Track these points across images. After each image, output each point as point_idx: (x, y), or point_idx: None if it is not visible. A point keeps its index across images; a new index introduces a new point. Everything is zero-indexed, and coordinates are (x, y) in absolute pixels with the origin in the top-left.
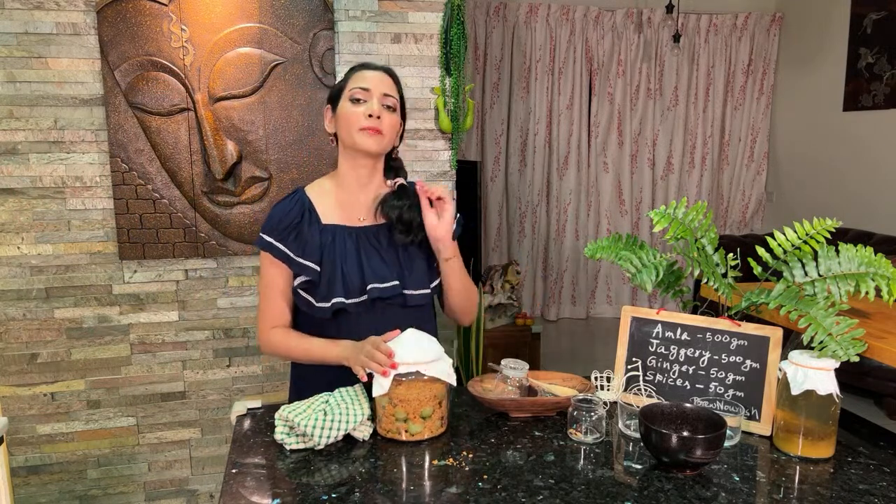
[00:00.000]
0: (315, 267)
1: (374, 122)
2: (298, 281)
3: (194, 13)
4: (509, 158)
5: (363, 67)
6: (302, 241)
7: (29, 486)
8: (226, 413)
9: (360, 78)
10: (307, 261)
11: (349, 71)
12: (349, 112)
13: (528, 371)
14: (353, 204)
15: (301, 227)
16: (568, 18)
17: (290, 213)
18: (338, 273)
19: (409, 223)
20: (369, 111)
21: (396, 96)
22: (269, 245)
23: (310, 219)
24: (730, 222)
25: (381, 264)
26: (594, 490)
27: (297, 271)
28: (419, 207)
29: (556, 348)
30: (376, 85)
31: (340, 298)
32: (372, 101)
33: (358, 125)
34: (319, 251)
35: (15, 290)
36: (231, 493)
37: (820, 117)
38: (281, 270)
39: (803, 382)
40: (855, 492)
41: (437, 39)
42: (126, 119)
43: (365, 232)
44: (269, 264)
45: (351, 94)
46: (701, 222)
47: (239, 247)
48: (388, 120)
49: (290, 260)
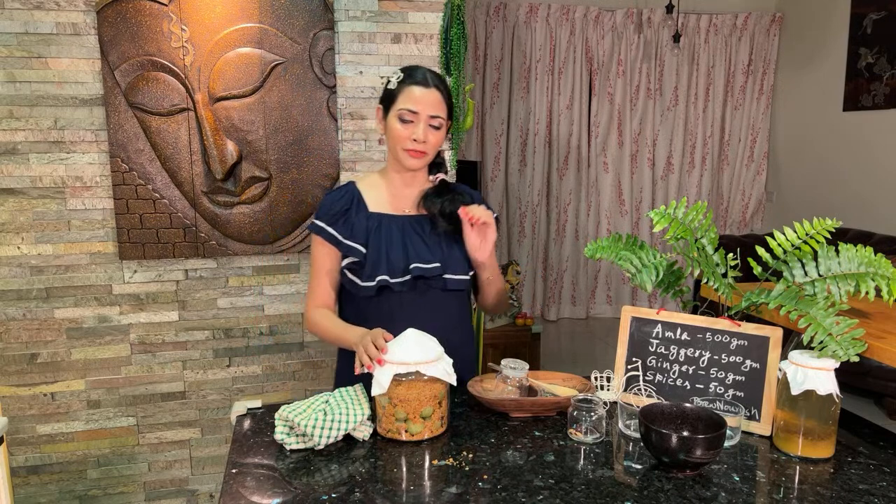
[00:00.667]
0: (361, 248)
1: (419, 146)
2: (346, 262)
3: (194, 13)
4: (509, 158)
5: (414, 82)
6: (349, 225)
7: (29, 486)
8: (226, 413)
9: (410, 97)
10: (354, 243)
11: (402, 79)
12: (397, 130)
13: (528, 371)
14: (398, 197)
15: (349, 214)
16: (568, 18)
17: (340, 201)
18: (382, 254)
19: (450, 216)
20: (415, 136)
21: (444, 113)
22: (320, 229)
23: (357, 207)
24: (730, 222)
25: (424, 248)
26: (594, 490)
27: (345, 252)
28: (459, 201)
29: (556, 348)
30: (424, 107)
31: (385, 277)
32: (419, 126)
33: (403, 146)
34: (365, 235)
35: (15, 290)
36: (231, 493)
37: (820, 117)
38: (329, 252)
39: (803, 382)
40: (855, 492)
41: (437, 39)
42: (126, 119)
43: (409, 220)
44: (318, 247)
45: (399, 113)
46: (701, 222)
47: (239, 247)
48: (434, 139)
49: (339, 242)
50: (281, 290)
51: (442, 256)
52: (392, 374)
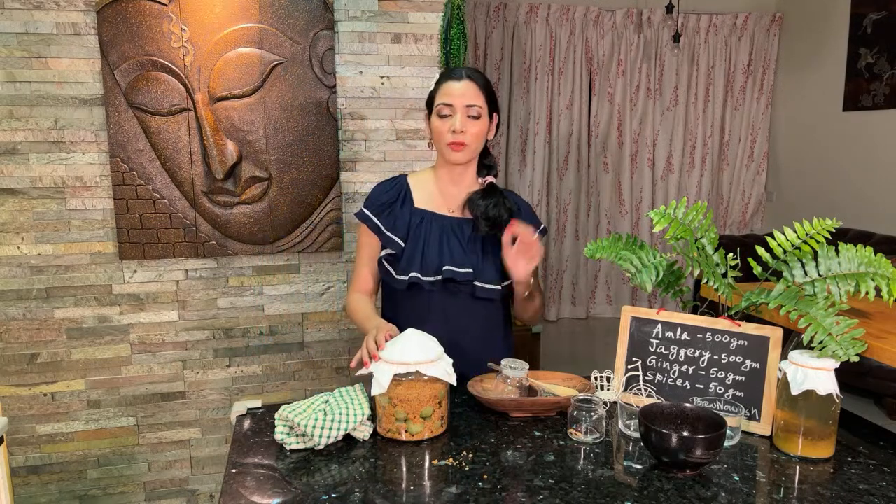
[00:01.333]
0: (400, 242)
1: (458, 137)
2: (383, 253)
3: (194, 13)
4: (509, 158)
5: (449, 77)
6: (393, 217)
7: (29, 486)
8: (226, 413)
9: (445, 92)
10: (395, 235)
11: (438, 80)
12: (438, 126)
13: (528, 371)
14: (445, 196)
15: (395, 206)
16: (568, 18)
17: (388, 193)
18: (418, 251)
19: (494, 220)
20: (453, 127)
21: (482, 103)
22: (366, 217)
23: (403, 200)
24: (730, 222)
25: (461, 252)
26: (594, 490)
27: (385, 243)
28: (505, 206)
29: (556, 348)
30: (459, 99)
31: (416, 274)
32: (455, 117)
33: (445, 140)
34: (406, 229)
35: (15, 290)
36: (231, 493)
37: (820, 117)
38: (371, 241)
39: (803, 382)
40: (855, 492)
41: (437, 39)
42: (126, 119)
43: (451, 222)
44: (363, 235)
45: (438, 109)
46: (701, 222)
47: (239, 247)
48: (473, 130)
49: (381, 232)
50: (281, 290)
51: (476, 263)
52: (392, 374)
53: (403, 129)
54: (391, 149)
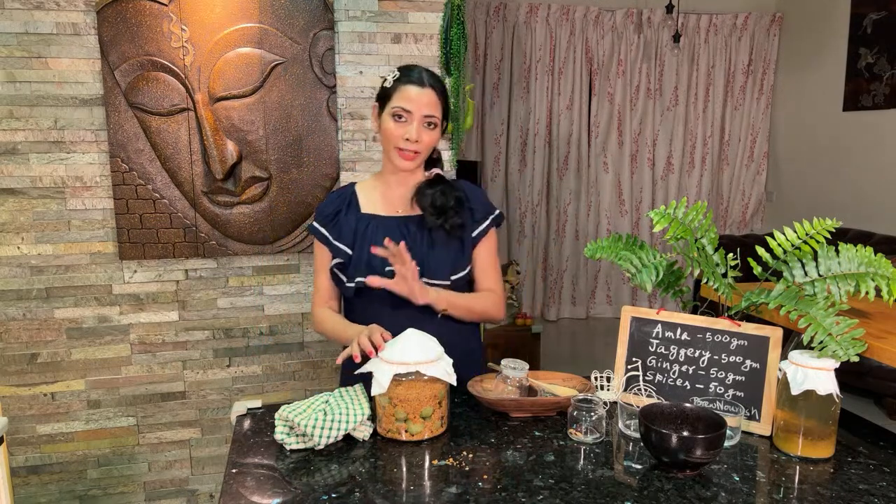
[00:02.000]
0: (347, 250)
1: (412, 146)
2: (334, 262)
3: (194, 13)
4: (509, 158)
5: (409, 81)
6: (339, 226)
7: (29, 486)
8: (226, 413)
9: (404, 96)
10: (341, 244)
11: (398, 78)
12: (391, 128)
13: (528, 371)
14: (392, 197)
15: (340, 215)
16: (568, 18)
17: (334, 203)
18: (364, 256)
19: (441, 208)
20: (408, 135)
21: (439, 113)
22: (314, 229)
23: (349, 208)
24: (730, 222)
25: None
26: (594, 490)
27: (334, 253)
28: (452, 194)
29: (556, 348)
30: (419, 107)
31: (362, 279)
32: (412, 125)
33: (395, 144)
34: (353, 236)
35: (15, 290)
36: (231, 493)
37: (820, 117)
38: (323, 252)
39: (803, 382)
40: (855, 492)
41: (437, 39)
42: (126, 119)
43: (396, 221)
44: (316, 247)
45: (394, 110)
46: (701, 222)
47: (239, 247)
48: (427, 139)
49: (329, 242)
50: (281, 290)
51: (423, 258)
52: (392, 374)
53: None
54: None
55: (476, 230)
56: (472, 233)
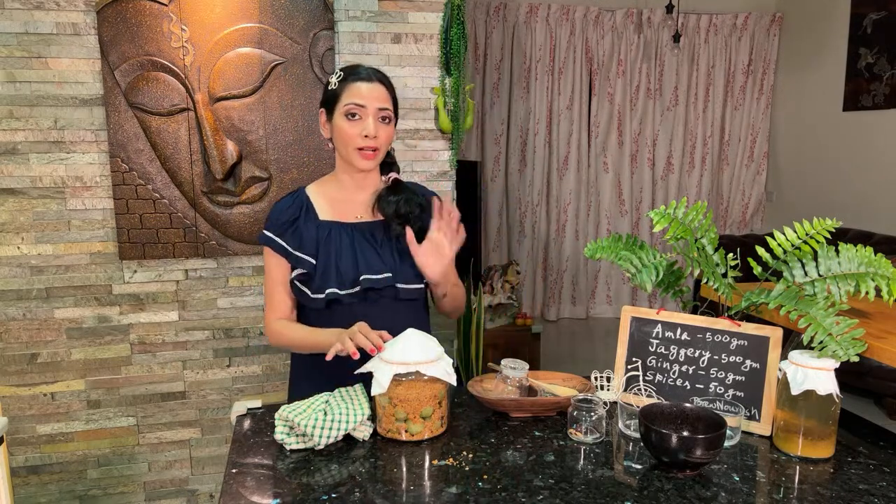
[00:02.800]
0: (311, 260)
1: (371, 143)
2: (295, 273)
3: (194, 13)
4: (509, 158)
5: (357, 78)
6: (298, 235)
7: (29, 486)
8: (226, 413)
9: (355, 92)
10: (303, 254)
11: (344, 77)
12: (345, 128)
13: (528, 371)
14: (350, 202)
15: (298, 223)
16: (568, 18)
17: (289, 210)
18: (332, 266)
19: (406, 216)
20: (365, 131)
21: (391, 106)
22: (269, 240)
23: (307, 215)
24: (730, 222)
25: (376, 257)
26: (594, 490)
27: (294, 264)
28: (415, 200)
29: (556, 348)
30: (371, 101)
31: (334, 289)
32: (367, 121)
33: (354, 144)
34: (315, 245)
35: (15, 290)
36: (231, 493)
37: (820, 117)
38: (280, 263)
39: (803, 382)
40: (855, 492)
41: (437, 39)
42: (126, 119)
43: (360, 228)
44: (270, 258)
45: (346, 108)
46: (701, 222)
47: (239, 247)
48: (384, 134)
49: (288, 253)
50: None
51: (393, 265)
52: (392, 374)
53: (403, 130)
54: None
55: None
56: None
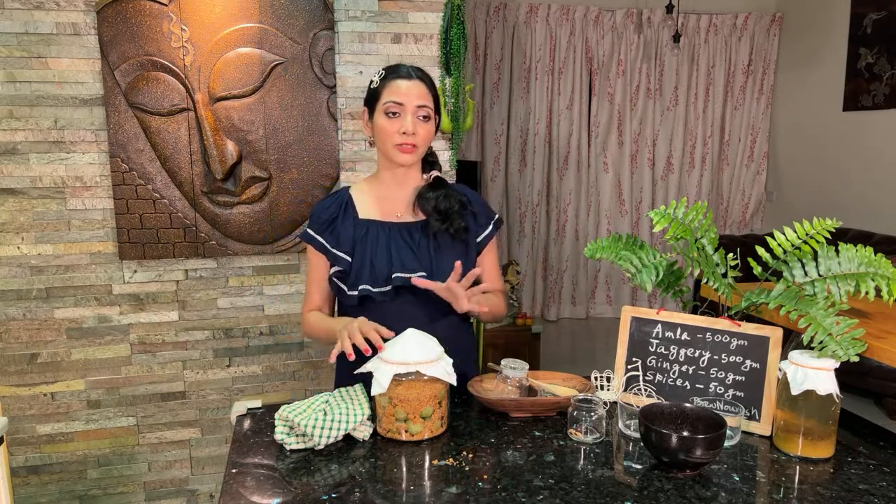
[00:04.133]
0: (346, 258)
1: (409, 139)
2: (333, 270)
3: (194, 13)
4: (509, 158)
5: (397, 76)
6: (336, 233)
7: (29, 486)
8: (226, 413)
9: (394, 90)
10: (340, 251)
11: (385, 76)
12: (385, 126)
13: (528, 371)
14: (391, 200)
15: (337, 222)
16: (568, 18)
17: (329, 209)
18: (366, 263)
19: (445, 212)
20: (404, 128)
21: (431, 104)
22: (310, 237)
23: (345, 213)
24: (730, 222)
25: (411, 257)
26: (594, 490)
27: (332, 261)
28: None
29: (556, 348)
30: (410, 98)
31: (366, 286)
32: (406, 118)
33: (393, 141)
34: (352, 243)
35: (15, 290)
36: (231, 493)
37: (820, 117)
38: (319, 260)
39: (803, 382)
40: (855, 492)
41: (437, 39)
42: (126, 119)
43: (399, 227)
44: (310, 255)
45: (385, 107)
46: (701, 222)
47: (239, 247)
48: (423, 131)
49: (326, 250)
50: (281, 290)
51: (429, 264)
52: (392, 374)
53: None
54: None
55: (481, 235)
56: (478, 238)
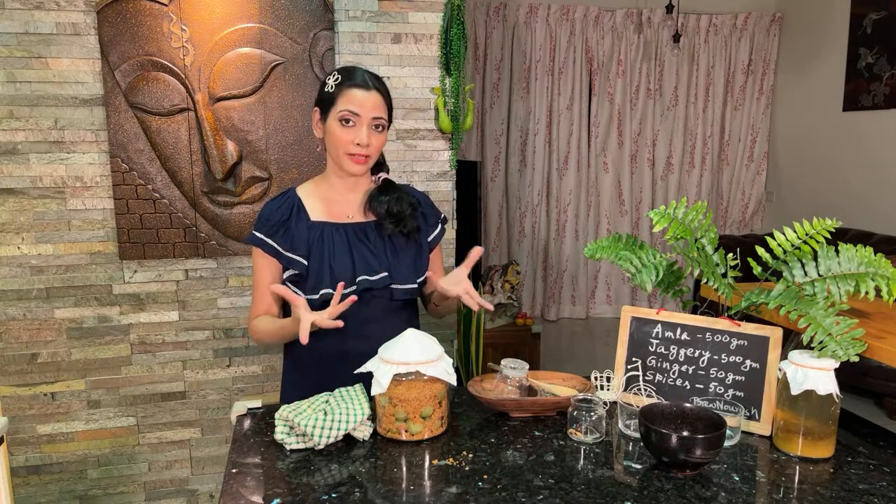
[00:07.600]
0: (302, 261)
1: (363, 150)
2: (287, 274)
3: (194, 13)
4: (509, 158)
5: (354, 84)
6: (289, 236)
7: (29, 486)
8: (226, 413)
9: (350, 99)
10: (294, 255)
11: (341, 81)
12: (338, 133)
13: (528, 371)
14: (341, 203)
15: (289, 224)
16: (568, 18)
17: (279, 211)
18: (325, 266)
19: (398, 215)
20: (358, 139)
21: (386, 115)
22: (259, 241)
23: (298, 216)
24: (730, 222)
25: (372, 257)
26: (594, 490)
27: (286, 265)
28: (407, 200)
29: (556, 348)
30: (366, 109)
31: (329, 290)
32: (361, 129)
33: (346, 150)
34: (307, 246)
35: (15, 290)
36: (231, 493)
37: (820, 117)
38: (270, 265)
39: (803, 382)
40: (855, 492)
41: (437, 39)
42: (126, 119)
43: (353, 228)
44: (259, 259)
45: (340, 115)
46: (701, 222)
47: (239, 247)
48: (377, 142)
49: (279, 254)
50: None
51: (388, 265)
52: (392, 373)
53: (403, 130)
54: (391, 149)
55: (431, 235)
56: (429, 237)
